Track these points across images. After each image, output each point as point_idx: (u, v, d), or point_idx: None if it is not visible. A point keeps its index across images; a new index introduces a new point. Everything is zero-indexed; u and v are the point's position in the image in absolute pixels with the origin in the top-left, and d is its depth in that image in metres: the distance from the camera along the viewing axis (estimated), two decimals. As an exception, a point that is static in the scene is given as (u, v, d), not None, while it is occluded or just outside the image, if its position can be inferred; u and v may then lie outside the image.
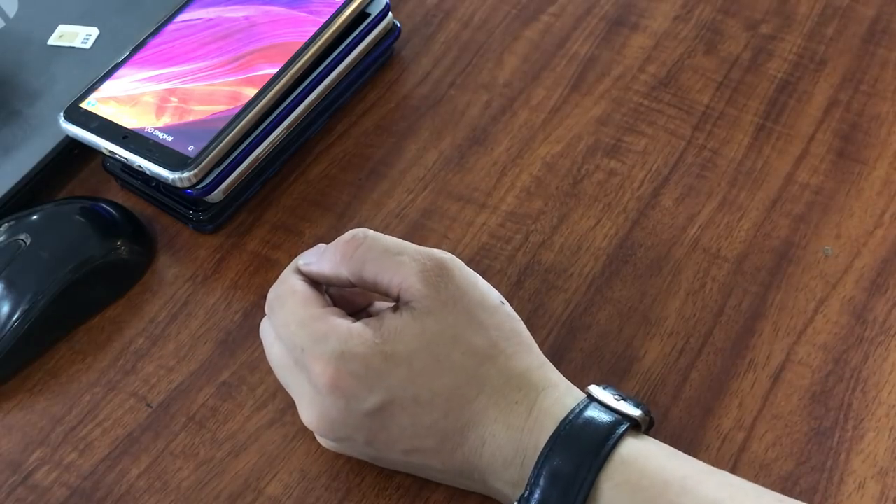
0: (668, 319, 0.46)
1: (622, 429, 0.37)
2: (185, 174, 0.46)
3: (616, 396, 0.38)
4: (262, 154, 0.50)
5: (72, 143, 0.52)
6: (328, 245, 0.42)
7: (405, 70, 0.57)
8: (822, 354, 0.45)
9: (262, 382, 0.45)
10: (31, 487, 0.43)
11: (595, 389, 0.39)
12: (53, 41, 0.57)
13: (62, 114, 0.50)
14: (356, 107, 0.55)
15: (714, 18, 0.57)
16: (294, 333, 0.39)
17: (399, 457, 0.40)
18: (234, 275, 0.49)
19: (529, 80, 0.55)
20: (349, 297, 0.43)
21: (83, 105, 0.50)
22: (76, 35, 0.57)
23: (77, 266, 0.47)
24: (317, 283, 0.42)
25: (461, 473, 0.39)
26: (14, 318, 0.45)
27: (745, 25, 0.57)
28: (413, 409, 0.38)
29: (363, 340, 0.38)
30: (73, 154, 0.53)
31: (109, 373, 0.46)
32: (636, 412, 0.38)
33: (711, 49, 0.56)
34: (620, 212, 0.50)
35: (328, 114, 0.54)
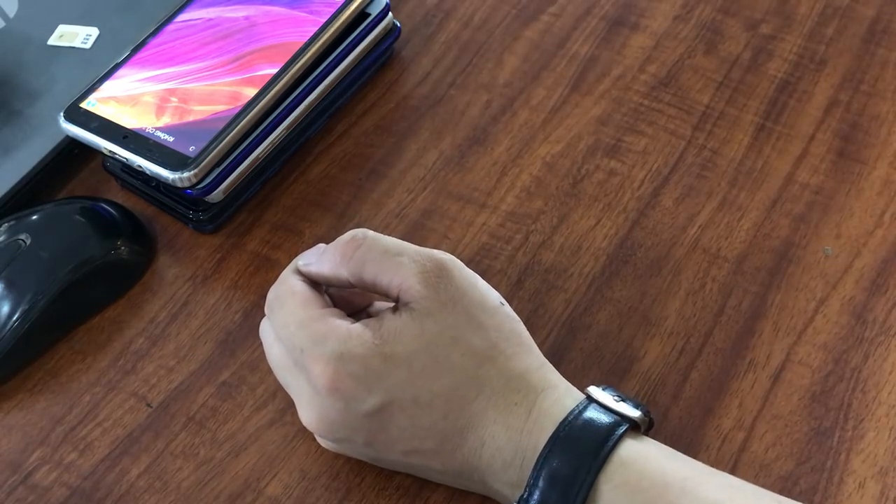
0: (668, 319, 0.46)
1: (621, 430, 0.37)
2: (186, 174, 0.46)
3: (615, 397, 0.38)
4: (262, 154, 0.50)
5: (72, 143, 0.52)
6: (328, 245, 0.42)
7: (405, 70, 0.57)
8: (822, 354, 0.45)
9: (262, 382, 0.45)
10: (31, 487, 0.43)
11: (594, 390, 0.39)
12: (53, 41, 0.57)
13: (62, 114, 0.50)
14: (356, 107, 0.55)
15: (714, 18, 0.57)
16: (293, 334, 0.39)
17: (398, 457, 0.40)
18: (234, 275, 0.49)
19: (529, 80, 0.55)
20: (349, 298, 0.43)
21: (83, 105, 0.50)
22: (76, 35, 0.57)
23: (77, 266, 0.47)
24: (316, 284, 0.42)
25: (461, 474, 0.39)
26: (14, 318, 0.45)
27: (745, 25, 0.57)
28: (412, 411, 0.38)
29: (362, 341, 0.38)
30: (73, 154, 0.53)
31: (109, 373, 0.46)
32: (635, 413, 0.38)
33: (711, 49, 0.56)
34: (620, 212, 0.50)
35: (328, 114, 0.54)
